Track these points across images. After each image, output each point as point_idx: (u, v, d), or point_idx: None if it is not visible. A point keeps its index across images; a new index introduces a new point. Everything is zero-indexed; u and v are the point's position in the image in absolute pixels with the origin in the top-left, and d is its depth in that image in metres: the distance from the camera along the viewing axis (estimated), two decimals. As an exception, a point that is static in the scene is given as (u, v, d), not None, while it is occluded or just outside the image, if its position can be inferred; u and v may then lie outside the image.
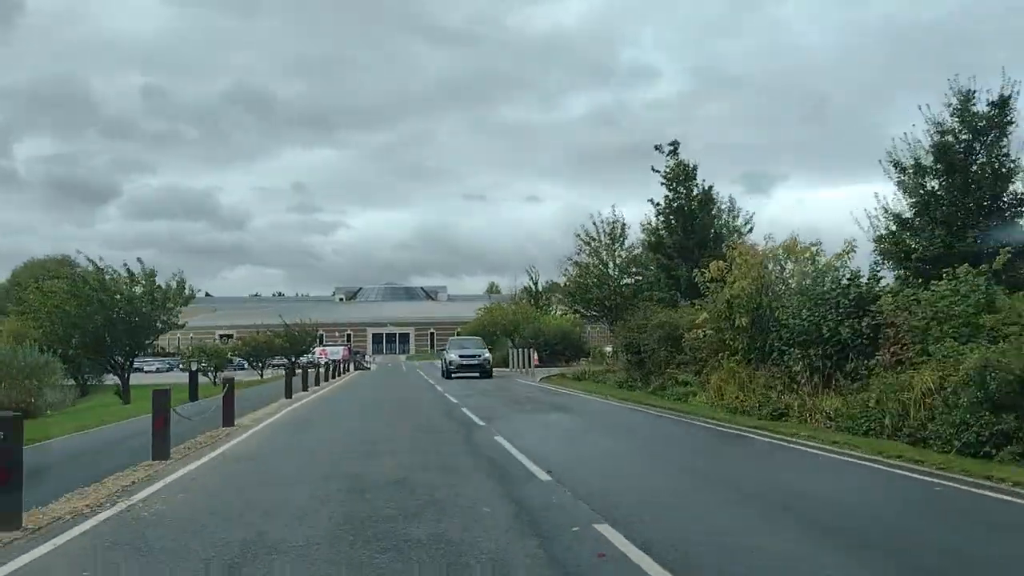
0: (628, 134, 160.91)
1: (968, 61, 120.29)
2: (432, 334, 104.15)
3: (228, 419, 12.96)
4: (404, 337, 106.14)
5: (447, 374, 33.28)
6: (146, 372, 64.95)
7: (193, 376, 22.11)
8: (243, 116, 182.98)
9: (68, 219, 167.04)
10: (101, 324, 28.66)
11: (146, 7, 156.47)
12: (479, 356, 33.78)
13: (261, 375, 47.95)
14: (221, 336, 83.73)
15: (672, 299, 24.25)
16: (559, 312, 52.18)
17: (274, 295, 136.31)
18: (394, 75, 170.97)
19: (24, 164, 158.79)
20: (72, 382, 32.49)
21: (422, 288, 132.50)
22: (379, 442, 11.15)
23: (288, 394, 20.60)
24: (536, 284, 57.06)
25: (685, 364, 19.59)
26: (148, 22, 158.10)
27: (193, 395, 21.76)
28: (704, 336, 18.98)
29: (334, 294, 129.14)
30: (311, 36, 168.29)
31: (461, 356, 33.74)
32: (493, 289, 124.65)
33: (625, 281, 33.50)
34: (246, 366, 53.19)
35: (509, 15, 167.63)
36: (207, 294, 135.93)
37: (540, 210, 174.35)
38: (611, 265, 33.66)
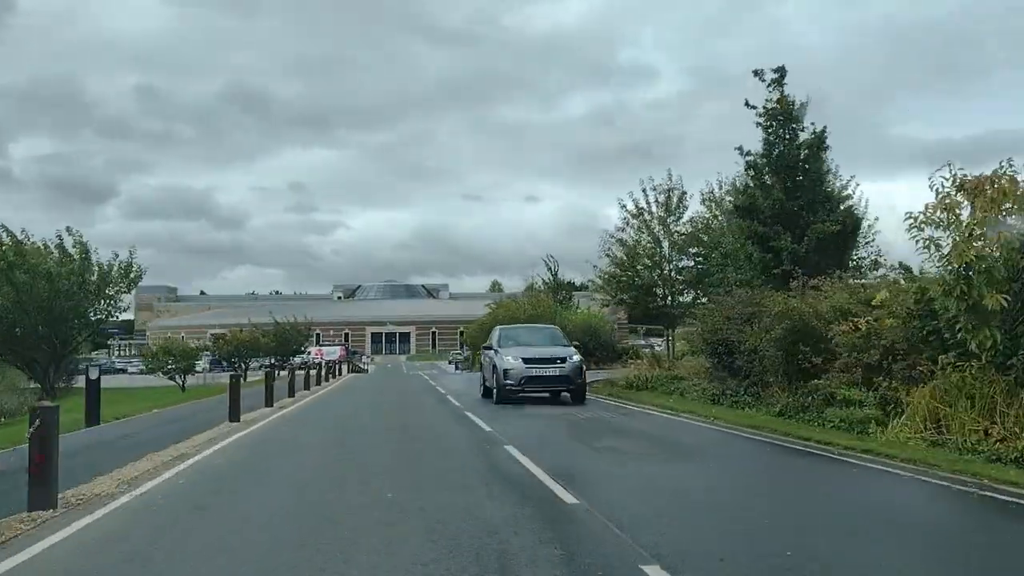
0: (628, 134, 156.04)
1: (968, 61, 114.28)
2: (434, 333, 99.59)
3: (39, 496, 5.91)
4: (404, 336, 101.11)
5: (498, 394, 17.42)
6: (129, 374, 58.71)
7: (92, 386, 14.72)
8: (242, 116, 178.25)
9: (66, 219, 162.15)
10: (10, 309, 21.81)
11: (146, 7, 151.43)
12: (563, 361, 17.39)
13: (244, 378, 41.49)
14: (213, 335, 78.20)
15: (783, 276, 17.53)
16: (580, 307, 45.46)
17: (271, 293, 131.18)
18: (394, 75, 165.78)
19: (21, 164, 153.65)
20: (36, 385, 26.37)
21: (423, 286, 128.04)
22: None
23: (234, 416, 13.69)
24: (555, 275, 50.32)
25: (840, 372, 12.90)
26: (147, 22, 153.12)
27: (93, 417, 14.53)
28: (868, 329, 12.40)
29: (332, 292, 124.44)
30: (311, 36, 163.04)
31: (530, 362, 17.24)
32: (496, 287, 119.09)
33: (684, 263, 26.73)
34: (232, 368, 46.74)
35: (508, 15, 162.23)
36: (202, 292, 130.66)
37: (539, 210, 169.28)
38: (665, 244, 26.69)
